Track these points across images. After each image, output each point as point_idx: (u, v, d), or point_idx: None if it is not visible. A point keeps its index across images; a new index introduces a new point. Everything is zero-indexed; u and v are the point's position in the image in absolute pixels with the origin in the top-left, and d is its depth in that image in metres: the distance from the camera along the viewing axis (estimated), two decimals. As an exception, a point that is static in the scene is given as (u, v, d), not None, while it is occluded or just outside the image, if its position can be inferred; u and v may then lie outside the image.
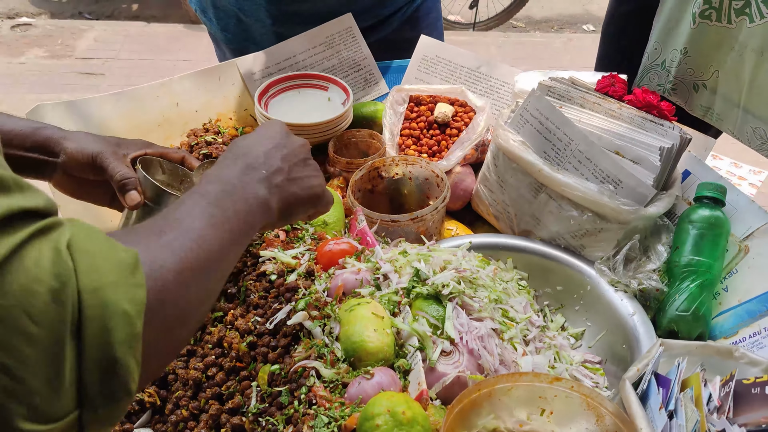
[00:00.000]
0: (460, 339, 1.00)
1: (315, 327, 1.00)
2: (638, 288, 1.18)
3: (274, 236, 1.15)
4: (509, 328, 1.06)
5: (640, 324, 1.13)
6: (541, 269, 1.28)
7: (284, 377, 0.97)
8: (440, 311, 1.03)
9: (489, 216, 1.40)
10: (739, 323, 1.13)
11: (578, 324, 1.24)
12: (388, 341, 0.98)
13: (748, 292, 1.15)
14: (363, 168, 1.33)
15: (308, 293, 1.06)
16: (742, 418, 0.85)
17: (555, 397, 0.91)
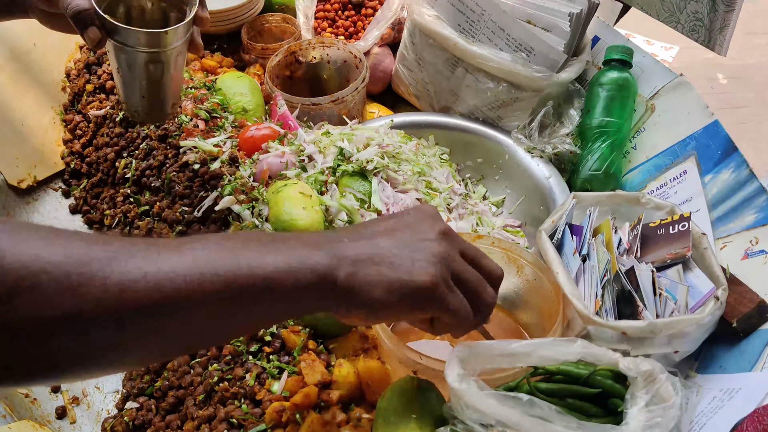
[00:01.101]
0: (387, 210, 1.03)
1: (243, 210, 1.01)
2: (553, 152, 1.23)
3: (193, 126, 1.13)
4: (433, 198, 1.10)
5: (556, 186, 1.19)
6: (462, 143, 1.31)
7: (217, 260, 0.98)
8: (366, 186, 1.06)
9: (410, 96, 1.41)
10: (647, 178, 1.20)
11: (499, 193, 1.29)
12: (317, 218, 1.00)
13: (654, 149, 1.21)
14: (279, 53, 1.31)
15: (234, 179, 1.06)
16: (649, 256, 0.92)
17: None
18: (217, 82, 1.23)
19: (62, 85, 1.32)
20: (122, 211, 1.14)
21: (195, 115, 1.15)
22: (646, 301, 0.84)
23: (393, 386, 0.78)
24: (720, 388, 0.78)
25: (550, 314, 0.89)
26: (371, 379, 0.83)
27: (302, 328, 0.87)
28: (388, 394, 0.78)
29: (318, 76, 1.39)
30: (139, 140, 1.17)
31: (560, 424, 0.67)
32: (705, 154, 1.13)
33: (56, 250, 0.47)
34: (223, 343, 0.79)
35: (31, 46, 1.27)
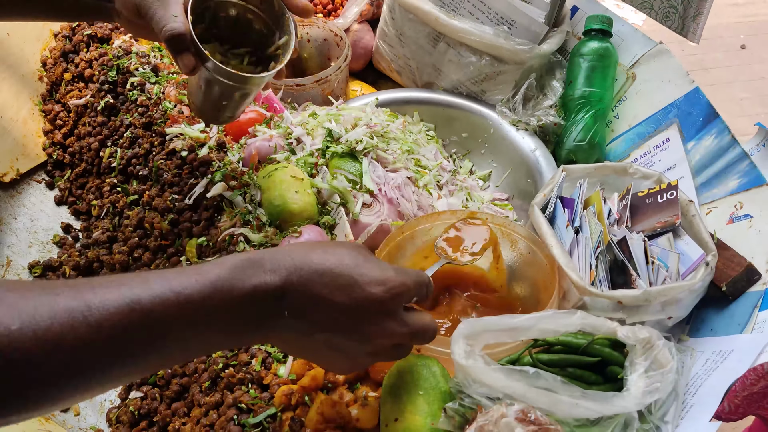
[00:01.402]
0: (378, 190, 1.03)
1: (236, 196, 1.01)
2: (538, 125, 1.24)
3: (178, 112, 1.12)
4: (423, 176, 1.11)
5: (542, 158, 1.21)
6: (446, 118, 1.32)
7: (213, 247, 0.98)
8: (357, 167, 1.06)
9: (392, 72, 1.40)
10: (630, 146, 1.23)
11: (484, 167, 1.31)
12: (310, 201, 1.01)
13: (636, 117, 1.23)
14: (259, 34, 1.29)
15: (223, 165, 1.05)
16: (639, 225, 0.94)
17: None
18: (198, 66, 1.22)
19: (39, 75, 1.30)
20: (110, 201, 1.13)
21: (179, 101, 1.13)
22: (639, 270, 0.86)
23: (398, 364, 0.80)
24: (713, 350, 0.81)
25: (546, 286, 0.91)
26: (375, 359, 0.85)
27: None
28: (394, 372, 0.79)
29: (299, 56, 1.38)
30: (123, 129, 1.16)
31: (565, 394, 0.70)
32: (687, 121, 1.15)
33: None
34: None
35: (4, 36, 1.24)
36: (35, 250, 1.17)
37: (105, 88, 1.19)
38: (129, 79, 1.17)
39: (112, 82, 1.19)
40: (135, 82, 1.16)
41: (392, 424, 0.75)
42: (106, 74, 1.19)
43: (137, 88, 1.16)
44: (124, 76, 1.18)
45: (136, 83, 1.16)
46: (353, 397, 0.81)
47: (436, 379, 0.78)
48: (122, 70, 1.18)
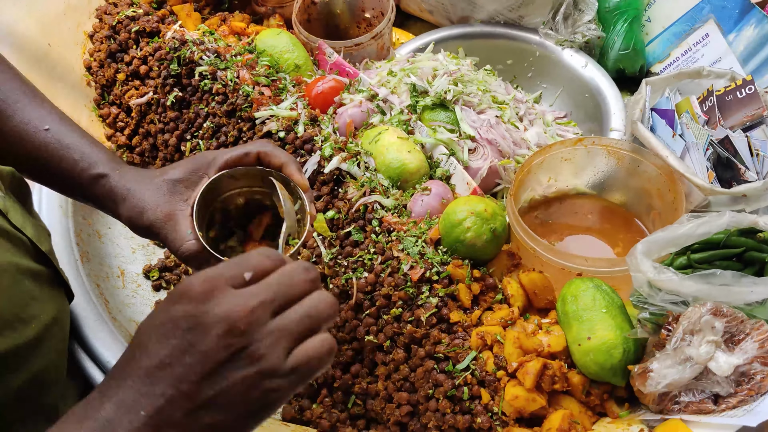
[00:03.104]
0: (478, 135, 1.10)
1: (353, 166, 1.05)
2: (583, 41, 1.31)
3: (259, 93, 1.13)
4: (504, 111, 1.17)
5: (596, 71, 1.28)
6: (489, 49, 1.37)
7: (346, 218, 1.03)
8: (449, 116, 1.12)
9: (422, 12, 1.43)
10: (668, 46, 1.32)
11: (534, 89, 1.38)
12: (422, 157, 1.06)
13: (669, 18, 1.32)
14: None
15: (325, 138, 1.09)
16: (727, 122, 1.04)
17: (577, 155, 1.06)
18: (255, 43, 1.22)
19: (86, 80, 1.27)
20: (210, 194, 1.15)
21: (255, 83, 1.14)
22: (747, 163, 0.97)
23: (570, 290, 0.89)
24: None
25: (660, 193, 1.01)
26: (537, 288, 0.94)
27: (462, 261, 0.95)
28: (569, 298, 0.88)
29: (332, 13, 1.39)
30: (200, 120, 1.17)
31: (738, 286, 0.81)
32: (723, 15, 1.24)
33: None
34: None
35: (46, 47, 1.20)
36: (140, 254, 1.19)
37: (170, 82, 1.18)
38: (195, 69, 1.16)
39: (175, 74, 1.18)
40: (203, 72, 1.16)
41: (585, 342, 0.85)
42: (167, 68, 1.18)
43: (207, 77, 1.16)
44: (187, 67, 1.17)
45: (204, 72, 1.16)
46: (536, 327, 0.91)
47: (611, 296, 0.88)
48: (184, 61, 1.17)
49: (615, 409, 0.88)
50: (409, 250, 0.96)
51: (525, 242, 0.94)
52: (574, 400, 0.87)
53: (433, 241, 0.98)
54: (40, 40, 1.19)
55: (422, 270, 0.94)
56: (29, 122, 0.87)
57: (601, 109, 1.25)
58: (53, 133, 0.87)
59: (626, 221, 1.09)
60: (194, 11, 1.28)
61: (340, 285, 1.00)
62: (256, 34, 1.24)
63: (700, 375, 0.79)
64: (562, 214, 1.11)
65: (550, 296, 0.94)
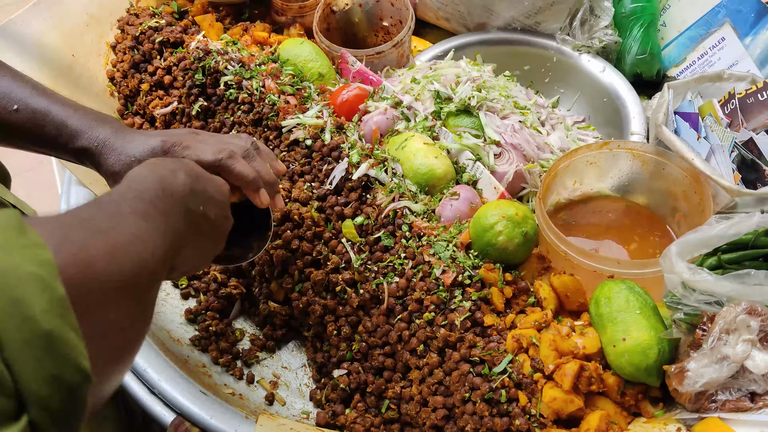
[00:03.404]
0: (502, 139, 1.11)
1: (380, 173, 1.06)
2: (600, 46, 1.33)
3: (284, 102, 1.15)
4: (527, 116, 1.19)
5: (614, 75, 1.30)
6: (507, 55, 1.39)
7: (375, 224, 1.04)
8: (473, 121, 1.13)
9: (439, 20, 1.45)
10: (684, 50, 1.33)
11: (551, 94, 1.39)
12: (448, 162, 1.07)
13: (683, 22, 1.34)
14: (318, 8, 1.31)
15: (351, 146, 1.10)
16: (749, 125, 1.06)
17: (602, 158, 1.07)
18: (278, 52, 1.23)
19: (109, 91, 1.28)
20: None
21: (280, 92, 1.16)
22: (772, 164, 0.98)
23: (603, 293, 0.90)
24: None
25: (684, 194, 1.03)
26: (569, 291, 0.95)
27: (494, 265, 0.96)
28: (600, 301, 0.90)
29: (350, 22, 1.40)
30: (225, 129, 1.18)
31: (770, 284, 0.82)
32: (738, 19, 1.26)
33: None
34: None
35: (70, 59, 1.21)
36: (167, 263, 1.20)
37: (194, 92, 1.20)
38: (221, 79, 1.18)
39: (200, 84, 1.19)
40: (228, 81, 1.17)
41: (620, 344, 0.86)
42: (192, 78, 1.19)
43: (233, 87, 1.17)
44: (212, 76, 1.19)
45: (230, 82, 1.17)
46: (569, 329, 0.92)
47: (644, 298, 0.89)
48: (209, 71, 1.18)
49: (649, 408, 0.89)
50: (440, 254, 0.98)
51: (556, 245, 0.95)
52: (609, 401, 0.88)
53: (463, 246, 0.99)
54: (64, 52, 1.20)
55: (454, 274, 0.95)
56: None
57: (620, 113, 1.26)
58: (24, 112, 0.86)
59: (650, 223, 1.10)
60: (216, 21, 1.29)
61: (370, 290, 1.01)
62: (278, 44, 1.26)
63: (737, 373, 0.80)
64: (586, 216, 1.12)
65: (581, 299, 0.95)
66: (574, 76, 1.35)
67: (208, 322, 1.10)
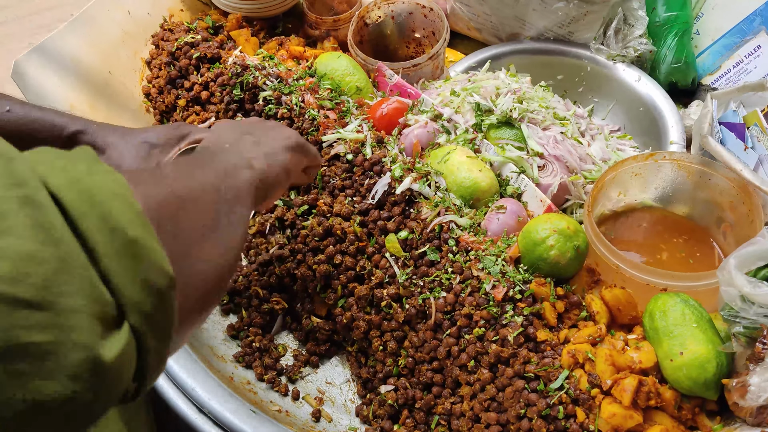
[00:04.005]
0: (545, 152, 1.10)
1: (424, 187, 1.06)
2: (635, 55, 1.32)
3: (324, 116, 1.14)
4: (566, 126, 1.18)
5: (650, 85, 1.29)
6: (540, 65, 1.38)
7: (420, 238, 1.03)
8: (515, 133, 1.13)
9: (470, 31, 1.45)
10: (719, 58, 1.33)
11: (585, 104, 1.39)
12: (492, 176, 1.07)
13: (717, 30, 1.33)
14: (353, 21, 1.31)
15: (392, 159, 1.09)
16: (794, 134, 1.05)
17: (647, 169, 1.07)
18: (315, 66, 1.23)
19: (145, 107, 1.28)
20: (276, 217, 1.15)
21: (319, 106, 1.15)
22: (821, 174, 0.98)
23: (657, 306, 0.89)
24: None
25: (730, 205, 1.02)
26: (621, 305, 0.94)
27: (545, 279, 0.96)
28: (657, 314, 0.89)
29: (382, 34, 1.40)
30: (264, 144, 1.18)
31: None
32: (775, 26, 1.25)
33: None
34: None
35: (108, 75, 1.21)
36: (206, 279, 1.19)
37: (232, 107, 1.19)
38: (259, 95, 1.17)
39: (238, 100, 1.19)
40: (267, 97, 1.17)
41: (678, 358, 0.85)
42: (230, 93, 1.19)
43: (272, 102, 1.17)
44: (250, 92, 1.18)
45: (269, 97, 1.17)
46: (623, 343, 0.91)
47: (700, 311, 0.88)
48: (247, 86, 1.18)
49: (707, 422, 0.88)
50: (489, 269, 0.97)
51: (607, 258, 0.94)
52: (666, 416, 0.88)
53: (512, 260, 0.98)
54: (101, 69, 1.20)
55: (505, 289, 0.95)
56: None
57: (657, 123, 1.26)
58: (16, 112, 0.88)
59: (694, 233, 1.09)
60: (251, 36, 1.29)
61: (416, 305, 1.00)
62: (314, 58, 1.25)
63: (800, 387, 0.80)
64: (631, 227, 1.11)
65: (633, 312, 0.95)
66: (609, 86, 1.35)
67: (251, 338, 1.10)
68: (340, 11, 1.42)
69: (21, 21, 3.75)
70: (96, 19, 1.20)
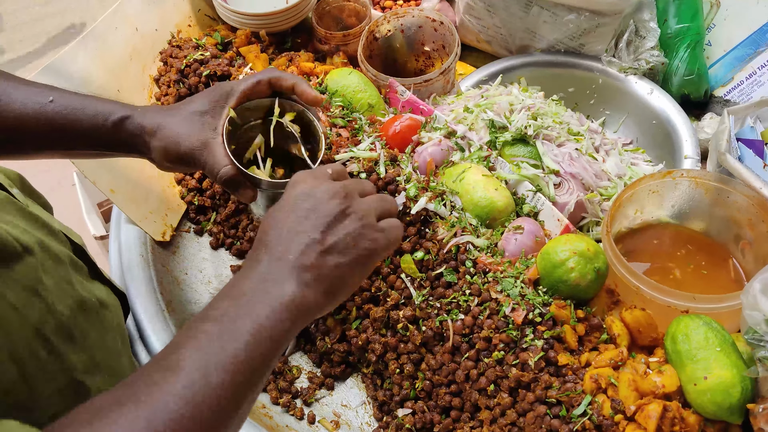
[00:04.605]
0: (560, 169, 1.09)
1: (439, 206, 1.05)
2: (647, 67, 1.31)
3: (336, 134, 1.13)
4: (581, 142, 1.17)
5: (663, 98, 1.28)
6: (551, 77, 1.37)
7: (436, 259, 1.02)
8: (530, 150, 1.11)
9: (480, 43, 1.44)
10: (731, 70, 1.32)
11: (596, 116, 1.38)
12: (509, 195, 1.06)
13: (730, 42, 1.32)
14: (362, 36, 1.30)
15: (407, 178, 1.08)
16: (812, 147, 1.04)
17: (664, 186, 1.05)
18: (326, 83, 1.22)
19: (154, 125, 1.26)
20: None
21: (331, 124, 1.14)
22: (843, 190, 0.97)
23: (679, 329, 0.88)
24: None
25: (749, 222, 1.01)
26: (641, 326, 0.93)
27: (565, 301, 0.95)
28: (676, 337, 0.88)
29: (391, 47, 1.39)
30: (275, 162, 1.16)
31: None
32: (789, 38, 1.24)
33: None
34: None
35: (116, 94, 1.20)
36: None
37: (243, 125, 1.18)
38: (270, 113, 1.16)
39: (248, 118, 1.18)
40: (278, 114, 1.15)
41: (702, 382, 0.84)
42: (240, 112, 1.18)
43: (283, 120, 1.15)
44: (260, 110, 1.17)
45: (279, 115, 1.15)
46: (645, 367, 0.90)
47: (723, 334, 0.87)
48: (258, 104, 1.17)
49: (731, 447, 0.87)
50: (508, 291, 0.96)
51: (628, 280, 0.93)
52: (690, 440, 0.87)
53: (531, 282, 0.97)
54: (111, 87, 1.19)
55: (525, 312, 0.93)
56: (27, 102, 0.88)
57: (671, 136, 1.25)
58: (58, 102, 0.89)
59: (712, 250, 1.08)
60: (261, 52, 1.28)
61: (433, 327, 0.99)
62: (324, 74, 1.24)
63: (827, 413, 0.79)
64: (647, 245, 1.10)
65: (654, 334, 0.94)
66: (621, 98, 1.34)
67: (266, 361, 1.08)
68: (350, 25, 1.41)
69: (21, 28, 3.73)
70: (104, 37, 1.18)
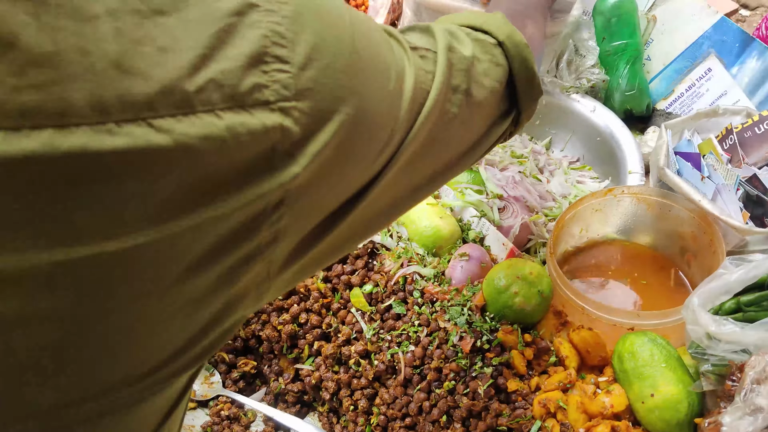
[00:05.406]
0: (504, 193, 1.10)
1: (386, 238, 1.04)
2: (589, 86, 1.33)
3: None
4: (524, 164, 1.18)
5: (606, 114, 1.30)
6: (495, 101, 1.38)
7: (385, 291, 1.02)
8: (471, 176, 1.12)
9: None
10: (671, 83, 1.34)
11: (542, 136, 1.39)
12: (454, 222, 1.06)
13: (668, 55, 1.34)
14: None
15: (352, 211, 1.08)
16: (749, 159, 1.05)
17: (607, 204, 1.06)
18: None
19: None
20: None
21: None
22: (778, 199, 0.98)
23: (625, 347, 0.88)
24: None
25: (692, 235, 1.02)
26: (589, 346, 0.93)
27: (512, 326, 0.94)
28: (626, 356, 0.88)
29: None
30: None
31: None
32: (723, 49, 1.27)
33: None
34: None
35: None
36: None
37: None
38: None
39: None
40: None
41: (649, 400, 0.84)
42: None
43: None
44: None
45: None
46: (594, 387, 0.90)
47: (668, 349, 0.87)
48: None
49: (684, 463, 0.87)
50: (455, 320, 0.96)
51: (573, 301, 0.93)
52: (643, 459, 0.86)
53: (478, 308, 0.97)
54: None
55: (472, 340, 0.93)
56: None
57: (615, 152, 1.26)
58: None
59: (658, 264, 1.09)
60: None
61: (385, 360, 0.98)
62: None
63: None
64: (594, 262, 1.11)
65: (602, 353, 0.93)
66: (566, 117, 1.35)
67: (220, 406, 1.07)
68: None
69: None
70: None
